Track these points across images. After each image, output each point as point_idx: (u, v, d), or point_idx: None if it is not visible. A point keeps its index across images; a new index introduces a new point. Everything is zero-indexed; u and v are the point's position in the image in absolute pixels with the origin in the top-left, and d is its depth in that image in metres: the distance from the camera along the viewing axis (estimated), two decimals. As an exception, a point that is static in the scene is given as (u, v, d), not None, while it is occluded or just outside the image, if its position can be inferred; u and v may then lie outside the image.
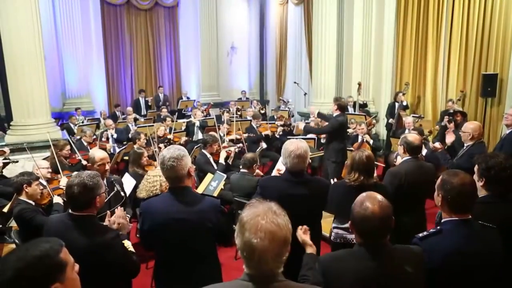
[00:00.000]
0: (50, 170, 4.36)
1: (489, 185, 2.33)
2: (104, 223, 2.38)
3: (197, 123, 8.57)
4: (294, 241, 1.42)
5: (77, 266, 1.46)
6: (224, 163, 5.39)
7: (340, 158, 5.68)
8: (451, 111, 7.32)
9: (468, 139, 3.99)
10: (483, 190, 2.33)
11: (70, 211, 2.21)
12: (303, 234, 2.30)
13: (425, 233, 1.99)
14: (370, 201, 1.75)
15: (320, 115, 6.24)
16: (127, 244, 2.34)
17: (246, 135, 7.55)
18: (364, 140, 6.58)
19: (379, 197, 1.79)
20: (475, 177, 2.35)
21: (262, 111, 10.93)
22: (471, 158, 2.92)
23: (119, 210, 2.45)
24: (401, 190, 3.11)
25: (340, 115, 5.70)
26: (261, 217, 1.35)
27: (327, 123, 5.94)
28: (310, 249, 2.26)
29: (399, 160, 5.15)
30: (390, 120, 8.24)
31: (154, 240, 2.36)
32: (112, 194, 3.17)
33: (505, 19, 7.33)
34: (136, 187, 4.30)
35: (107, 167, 3.36)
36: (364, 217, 1.72)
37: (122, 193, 3.31)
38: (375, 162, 3.33)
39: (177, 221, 2.25)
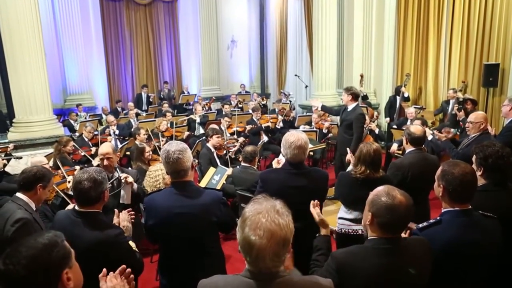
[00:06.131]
0: (50, 165, 4.42)
1: (488, 173, 2.36)
2: (114, 222, 2.42)
3: (198, 119, 8.59)
4: (298, 233, 1.42)
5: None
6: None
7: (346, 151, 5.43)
8: (461, 99, 7.20)
9: (480, 129, 3.89)
10: (482, 179, 2.36)
11: (76, 207, 2.22)
12: (316, 213, 2.22)
13: (424, 223, 1.99)
14: (395, 191, 1.74)
15: (324, 108, 6.11)
16: (132, 244, 2.36)
17: (249, 126, 7.55)
18: (368, 132, 6.56)
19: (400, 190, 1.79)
20: (473, 166, 2.37)
21: (263, 102, 10.92)
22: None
23: (124, 213, 2.48)
24: (404, 182, 3.11)
25: (357, 106, 5.39)
26: (263, 215, 1.35)
27: (357, 126, 5.35)
28: (324, 231, 2.18)
29: (394, 146, 5.12)
30: (390, 118, 8.13)
31: (159, 234, 2.39)
32: (114, 180, 3.31)
33: (506, 8, 7.27)
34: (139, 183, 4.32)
35: (106, 162, 3.41)
36: (392, 206, 1.68)
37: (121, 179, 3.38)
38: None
39: (180, 215, 2.27)
